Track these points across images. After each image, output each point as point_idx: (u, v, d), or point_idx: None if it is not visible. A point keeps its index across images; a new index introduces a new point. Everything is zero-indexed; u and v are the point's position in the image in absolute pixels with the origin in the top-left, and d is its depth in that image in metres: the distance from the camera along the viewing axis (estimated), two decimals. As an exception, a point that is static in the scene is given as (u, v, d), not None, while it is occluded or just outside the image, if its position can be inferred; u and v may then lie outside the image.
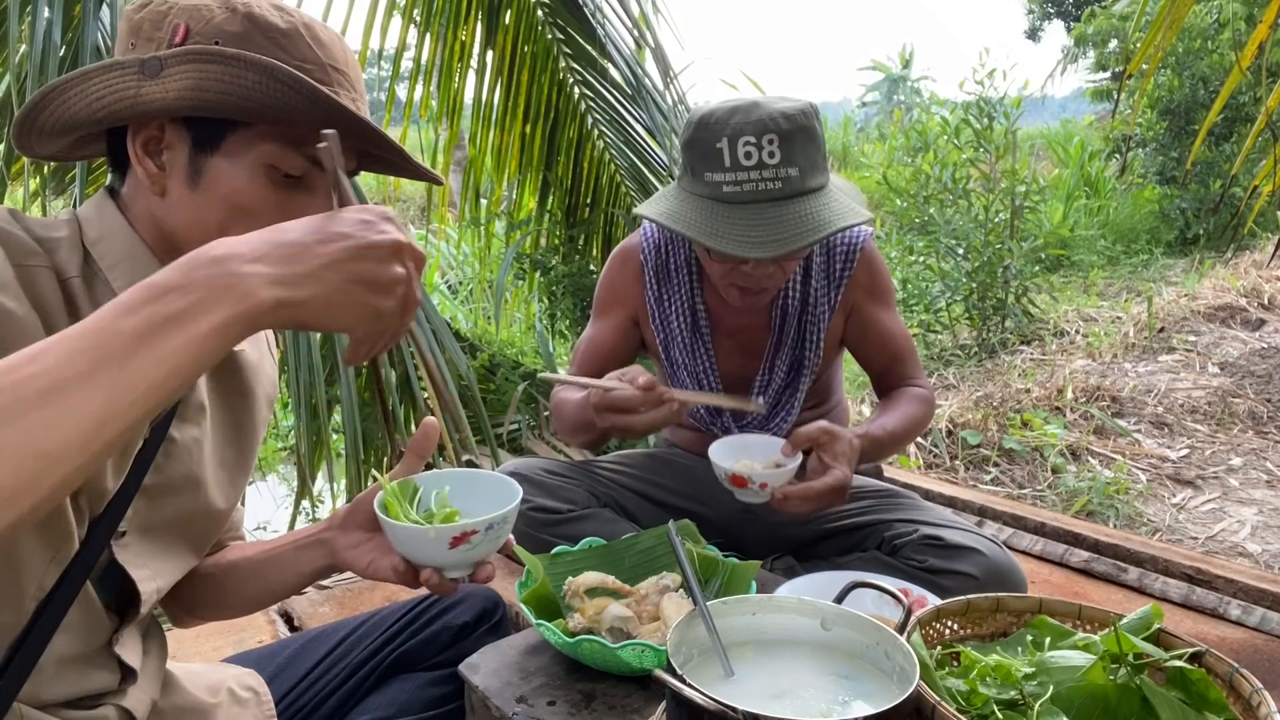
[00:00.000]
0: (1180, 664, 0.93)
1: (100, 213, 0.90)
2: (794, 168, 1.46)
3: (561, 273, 4.17)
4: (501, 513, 0.95)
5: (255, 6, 0.88)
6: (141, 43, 0.87)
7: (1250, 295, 6.21)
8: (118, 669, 0.94)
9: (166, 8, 0.87)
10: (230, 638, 1.73)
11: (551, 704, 1.18)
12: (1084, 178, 10.86)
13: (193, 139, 0.87)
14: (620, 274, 1.82)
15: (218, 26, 0.86)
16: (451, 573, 0.97)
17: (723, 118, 1.47)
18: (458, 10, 3.58)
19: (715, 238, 1.46)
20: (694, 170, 1.52)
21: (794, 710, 0.91)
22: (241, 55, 0.82)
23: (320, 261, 0.67)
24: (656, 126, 3.64)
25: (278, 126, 0.87)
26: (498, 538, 0.97)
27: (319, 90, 0.84)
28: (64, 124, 0.87)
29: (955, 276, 5.83)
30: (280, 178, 0.89)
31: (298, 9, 0.91)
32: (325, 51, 0.90)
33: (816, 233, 1.45)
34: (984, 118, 5.77)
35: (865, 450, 1.54)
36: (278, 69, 0.83)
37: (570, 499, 1.72)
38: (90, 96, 0.85)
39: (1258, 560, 2.94)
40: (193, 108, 0.83)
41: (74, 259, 0.86)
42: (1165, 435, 4.08)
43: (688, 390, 1.75)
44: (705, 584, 1.39)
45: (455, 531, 0.92)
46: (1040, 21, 22.15)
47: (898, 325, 1.80)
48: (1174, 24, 2.37)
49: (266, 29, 0.87)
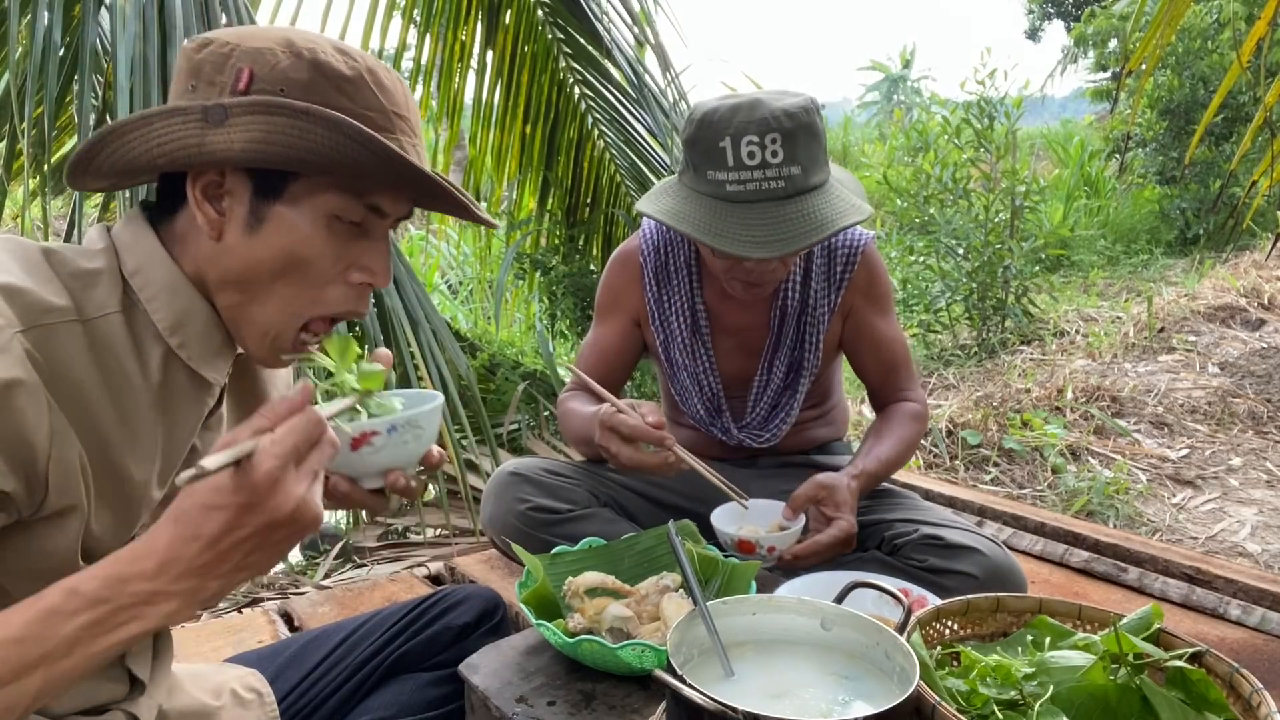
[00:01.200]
0: (1180, 664, 0.93)
1: (138, 240, 0.89)
2: (796, 166, 1.47)
3: (561, 273, 4.17)
4: (405, 415, 0.90)
5: (320, 51, 0.87)
6: (203, 85, 0.86)
7: (1250, 295, 6.21)
8: (127, 680, 0.95)
9: (229, 50, 0.86)
10: (230, 638, 1.73)
11: (551, 704, 1.18)
12: (1084, 178, 10.86)
13: (254, 186, 0.86)
14: (620, 277, 1.82)
15: (283, 73, 0.85)
16: (365, 482, 0.93)
17: (725, 116, 1.47)
18: (458, 10, 3.58)
19: (719, 238, 1.46)
20: (696, 167, 1.52)
21: (794, 710, 0.91)
22: (310, 109, 0.82)
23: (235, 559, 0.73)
24: (657, 126, 3.64)
25: (342, 178, 0.87)
26: (404, 443, 0.91)
27: (388, 148, 0.84)
28: (121, 167, 0.86)
29: (955, 276, 5.83)
30: (340, 226, 0.89)
31: (361, 52, 0.90)
32: (388, 97, 0.89)
33: (820, 232, 1.46)
34: (984, 118, 5.77)
35: (863, 488, 1.59)
36: (345, 124, 0.82)
37: (570, 499, 1.72)
38: (151, 142, 0.84)
39: (1258, 560, 2.94)
40: (258, 159, 0.83)
41: (114, 294, 0.86)
42: (1165, 435, 4.08)
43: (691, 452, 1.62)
44: (705, 584, 1.39)
45: (354, 432, 0.88)
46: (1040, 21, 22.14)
47: (894, 332, 1.81)
48: (1171, 23, 2.37)
49: (332, 76, 0.86)
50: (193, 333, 0.89)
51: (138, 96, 2.10)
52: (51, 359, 0.79)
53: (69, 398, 0.80)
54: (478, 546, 2.48)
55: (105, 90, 2.40)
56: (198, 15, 2.26)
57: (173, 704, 1.03)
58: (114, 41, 2.17)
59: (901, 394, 1.79)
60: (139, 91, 2.10)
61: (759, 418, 1.81)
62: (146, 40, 2.15)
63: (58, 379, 0.79)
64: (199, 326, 0.89)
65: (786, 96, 1.50)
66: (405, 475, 0.94)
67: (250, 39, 0.86)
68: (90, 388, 0.82)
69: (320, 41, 0.88)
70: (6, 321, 0.75)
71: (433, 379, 2.40)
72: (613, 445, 1.46)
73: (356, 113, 0.86)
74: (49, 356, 0.79)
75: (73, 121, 2.62)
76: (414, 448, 0.93)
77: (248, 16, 2.42)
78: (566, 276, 4.16)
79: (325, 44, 0.88)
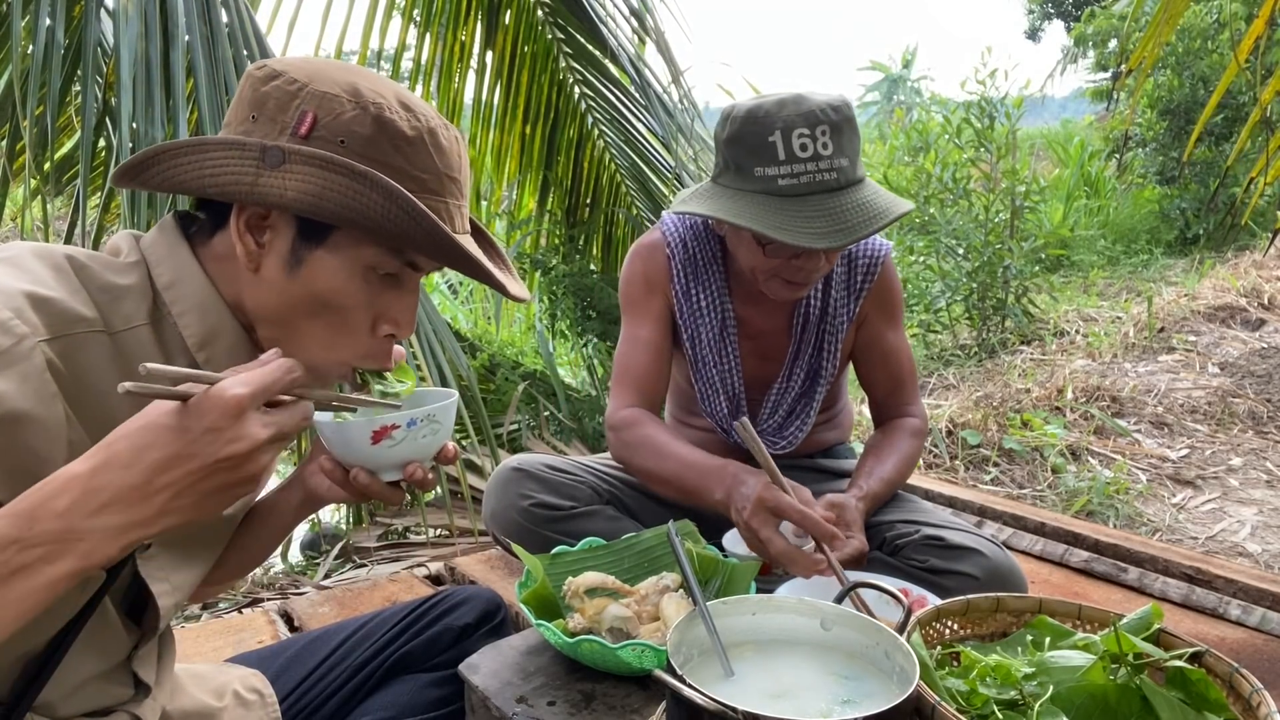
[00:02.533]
0: (1180, 664, 0.93)
1: (173, 254, 0.89)
2: (845, 158, 1.47)
3: (561, 273, 4.17)
4: (425, 409, 0.93)
5: (386, 109, 0.86)
6: (264, 120, 0.85)
7: (1250, 295, 6.21)
8: (132, 683, 0.95)
9: (296, 88, 0.85)
10: (230, 638, 1.73)
11: (551, 704, 1.18)
12: (1084, 178, 10.86)
13: (298, 229, 0.87)
14: (648, 266, 1.76)
15: (346, 125, 0.85)
16: (384, 475, 0.95)
17: (772, 110, 1.46)
18: (458, 10, 3.58)
19: (781, 230, 1.44)
20: (740, 166, 1.50)
21: (794, 710, 0.91)
22: (368, 174, 0.82)
23: (166, 495, 0.67)
24: (661, 126, 3.64)
25: (388, 242, 0.87)
26: (422, 437, 0.94)
27: (437, 226, 0.84)
28: (169, 186, 0.86)
29: (955, 276, 5.83)
30: (375, 276, 0.90)
31: (425, 108, 0.90)
32: (444, 160, 0.90)
33: (876, 221, 1.45)
34: (985, 118, 5.77)
35: (869, 509, 1.56)
36: (401, 197, 0.83)
37: (572, 495, 1.72)
38: (205, 170, 0.84)
39: (1258, 560, 2.94)
40: (309, 211, 0.83)
41: (143, 307, 0.86)
42: (1165, 435, 4.08)
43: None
44: (705, 584, 1.39)
45: (375, 425, 0.91)
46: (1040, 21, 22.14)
47: (903, 345, 1.80)
48: (1170, 23, 2.37)
49: (394, 136, 0.86)
50: (221, 348, 0.89)
51: (139, 96, 2.10)
52: (76, 369, 0.79)
53: (91, 408, 0.80)
54: (478, 547, 2.48)
55: (106, 90, 2.40)
56: (199, 15, 2.26)
57: (175, 705, 1.03)
58: (116, 41, 2.17)
59: (905, 408, 1.79)
60: (140, 91, 2.11)
61: (776, 423, 1.81)
62: (148, 40, 2.16)
63: (81, 389, 0.79)
64: (227, 343, 0.90)
65: (823, 93, 1.50)
66: (422, 468, 0.96)
67: (319, 80, 0.86)
68: (115, 399, 0.81)
69: (387, 95, 0.88)
70: (32, 329, 0.75)
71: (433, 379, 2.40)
72: (764, 531, 1.36)
73: (411, 174, 0.87)
74: (73, 366, 0.79)
75: (73, 121, 2.62)
76: (431, 441, 0.96)
77: (248, 16, 2.42)
78: (566, 276, 4.16)
79: (391, 98, 0.88)
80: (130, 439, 0.68)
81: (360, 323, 0.91)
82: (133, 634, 0.93)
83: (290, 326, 0.90)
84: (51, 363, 0.76)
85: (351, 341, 0.92)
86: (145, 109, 2.09)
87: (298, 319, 0.89)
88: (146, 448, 0.67)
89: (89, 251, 0.86)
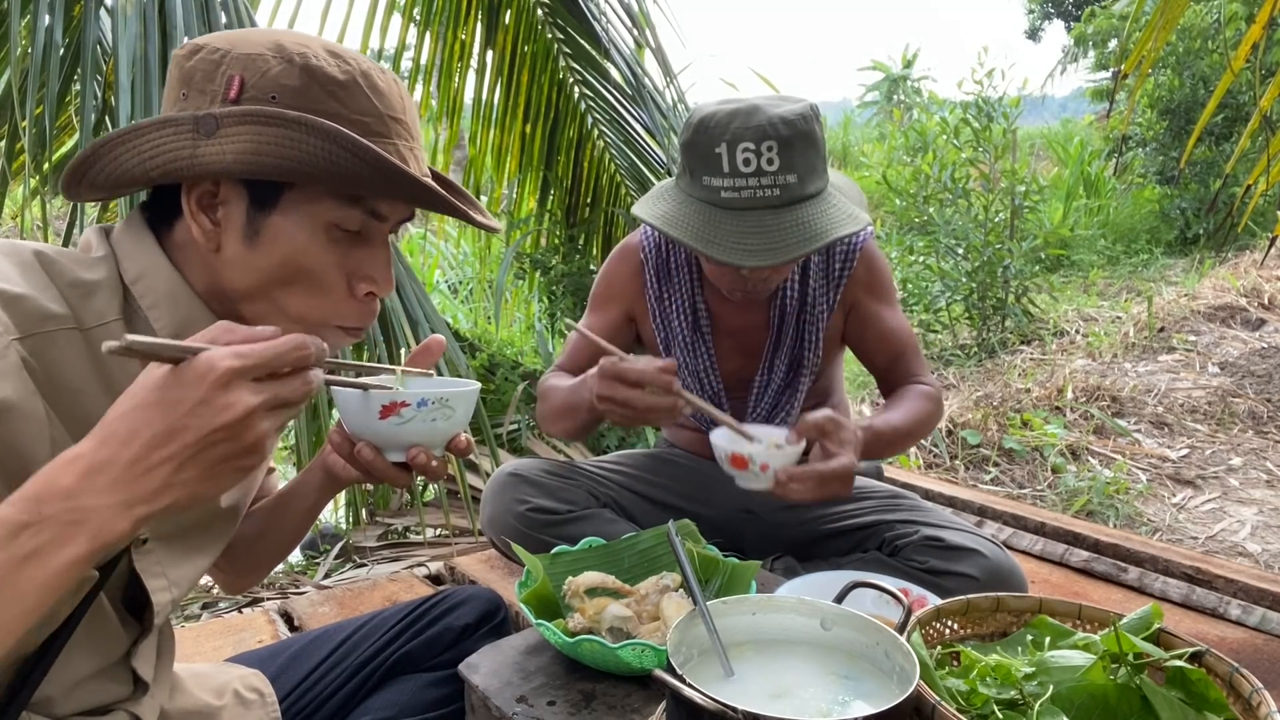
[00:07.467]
0: (1180, 664, 0.93)
1: (139, 246, 0.87)
2: (793, 174, 1.45)
3: (561, 272, 4.17)
4: (438, 391, 0.91)
5: (312, 56, 0.85)
6: (194, 94, 0.84)
7: (1250, 295, 6.21)
8: (131, 680, 0.94)
9: (219, 56, 0.84)
10: (230, 638, 1.73)
11: (551, 704, 1.18)
12: (1084, 177, 10.86)
13: (250, 197, 0.85)
14: (619, 270, 1.81)
15: (274, 79, 0.83)
16: (389, 454, 0.93)
17: (722, 122, 1.45)
18: (458, 10, 3.58)
19: (711, 245, 1.44)
20: (692, 172, 1.51)
21: (794, 710, 0.91)
22: (302, 118, 0.80)
23: (167, 469, 0.65)
24: (656, 126, 3.64)
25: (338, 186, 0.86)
26: (431, 421, 0.91)
27: (382, 157, 0.82)
28: (115, 180, 0.85)
29: (955, 276, 5.83)
30: (340, 234, 0.88)
31: (355, 54, 0.88)
32: (383, 101, 0.88)
33: (812, 242, 1.43)
34: (983, 117, 5.77)
35: (868, 443, 1.48)
36: (340, 135, 0.81)
37: (570, 499, 1.72)
38: (144, 155, 0.83)
39: (1258, 560, 2.94)
40: (251, 170, 0.81)
41: (114, 303, 0.84)
42: (1165, 435, 4.08)
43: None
44: (705, 584, 1.39)
45: (385, 399, 0.89)
46: (1040, 21, 22.16)
47: (899, 321, 1.78)
48: (1170, 23, 2.37)
49: (325, 82, 0.84)
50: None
51: (139, 96, 2.10)
52: (50, 367, 0.78)
53: (68, 406, 0.79)
54: (478, 546, 2.48)
55: (106, 90, 2.40)
56: (198, 15, 2.26)
57: (175, 704, 1.03)
58: (115, 41, 2.17)
59: (912, 378, 1.75)
60: (140, 91, 2.10)
61: (760, 417, 1.81)
62: (147, 40, 2.15)
63: (56, 388, 0.78)
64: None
65: (786, 103, 1.48)
66: (428, 453, 0.93)
67: (241, 44, 0.85)
68: (90, 396, 0.81)
69: (312, 44, 0.86)
70: (4, 328, 0.74)
71: (433, 379, 2.40)
72: (619, 393, 1.38)
73: (350, 119, 0.84)
74: (47, 364, 0.78)
75: (73, 121, 2.62)
76: (442, 427, 0.93)
77: (248, 16, 2.42)
78: (566, 276, 4.16)
79: (318, 47, 0.86)
80: (125, 417, 0.66)
81: (335, 283, 0.89)
82: (131, 630, 0.93)
83: (269, 300, 0.88)
84: (26, 361, 0.75)
85: (331, 303, 0.90)
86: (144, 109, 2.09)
87: (273, 291, 0.88)
88: (143, 423, 0.66)
89: (58, 248, 0.85)
